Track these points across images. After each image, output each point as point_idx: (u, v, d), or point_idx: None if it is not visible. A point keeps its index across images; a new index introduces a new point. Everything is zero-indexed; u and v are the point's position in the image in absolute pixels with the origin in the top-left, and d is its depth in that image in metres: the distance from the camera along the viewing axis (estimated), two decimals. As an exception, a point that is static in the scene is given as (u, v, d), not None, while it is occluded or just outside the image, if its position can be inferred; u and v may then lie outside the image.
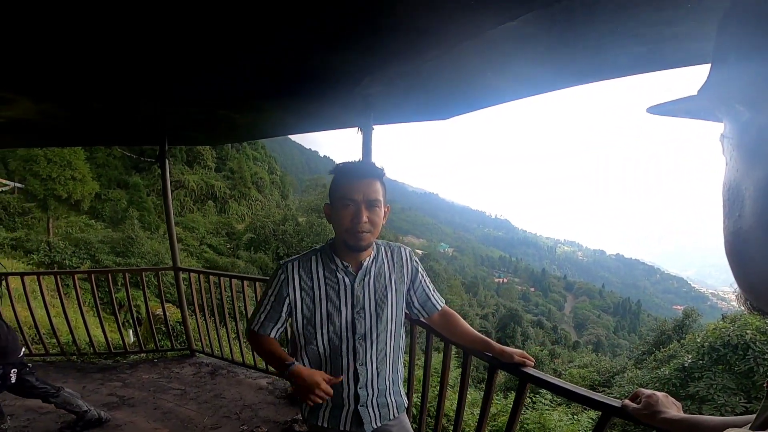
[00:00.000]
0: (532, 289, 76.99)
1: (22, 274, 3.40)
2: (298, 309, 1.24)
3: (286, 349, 1.35)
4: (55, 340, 3.53)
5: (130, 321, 3.81)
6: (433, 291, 1.42)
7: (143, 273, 3.58)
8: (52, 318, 3.38)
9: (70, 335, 3.43)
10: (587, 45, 1.57)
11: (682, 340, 10.41)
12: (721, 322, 7.66)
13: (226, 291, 3.30)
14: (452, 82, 2.12)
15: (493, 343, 1.41)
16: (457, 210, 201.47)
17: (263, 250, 27.96)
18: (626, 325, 60.90)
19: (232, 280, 3.26)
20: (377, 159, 2.37)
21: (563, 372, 14.26)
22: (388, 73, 1.90)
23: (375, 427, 1.32)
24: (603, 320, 62.68)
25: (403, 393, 1.41)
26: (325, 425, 1.31)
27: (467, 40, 1.50)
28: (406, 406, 1.43)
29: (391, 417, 1.35)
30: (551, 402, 5.68)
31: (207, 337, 3.51)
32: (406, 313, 1.41)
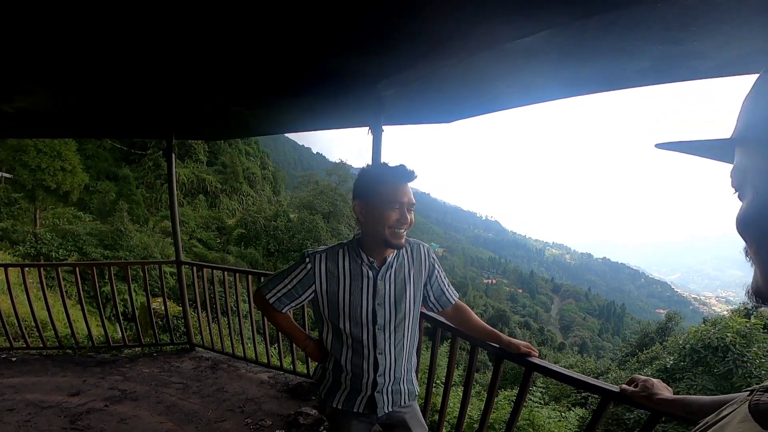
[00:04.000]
0: (521, 291, 77.84)
1: (22, 266, 3.39)
2: (324, 298, 1.31)
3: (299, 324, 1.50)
4: (52, 333, 3.51)
5: (128, 314, 3.82)
6: (448, 286, 1.50)
7: (145, 266, 3.59)
8: (51, 311, 3.37)
9: (69, 328, 3.43)
10: (595, 60, 1.66)
11: (664, 343, 10.70)
12: (702, 325, 7.90)
13: (229, 286, 3.33)
14: (462, 88, 2.20)
15: (502, 335, 1.51)
16: (448, 210, 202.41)
17: (254, 245, 27.79)
18: (611, 328, 62.02)
19: (237, 274, 3.29)
20: (386, 158, 2.44)
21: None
22: (403, 76, 1.97)
23: (386, 411, 1.40)
24: (588, 322, 63.72)
25: (415, 382, 1.49)
26: (341, 407, 1.39)
27: (484, 50, 1.58)
28: (417, 394, 1.50)
29: (403, 404, 1.44)
30: (540, 400, 5.81)
31: (208, 332, 3.53)
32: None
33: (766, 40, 1.17)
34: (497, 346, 1.52)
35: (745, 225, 0.38)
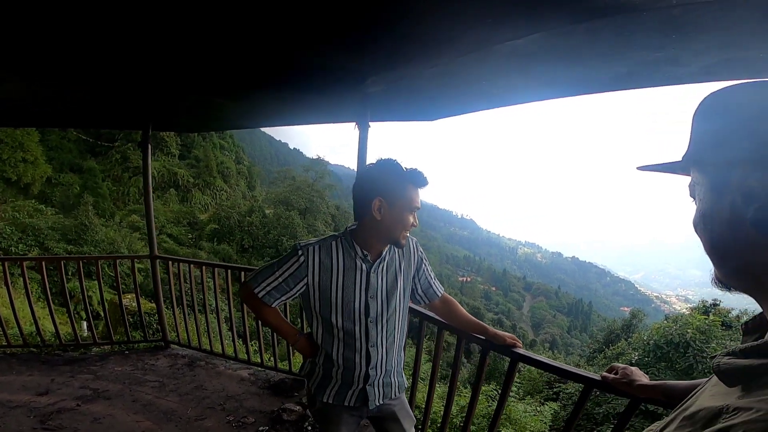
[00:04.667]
0: (494, 288, 79.55)
1: (23, 259, 3.18)
2: (316, 291, 1.30)
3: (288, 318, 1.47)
4: (16, 331, 3.33)
5: (97, 311, 3.67)
6: (434, 279, 1.53)
7: (117, 261, 3.44)
8: (14, 307, 3.20)
9: (34, 326, 3.25)
10: (578, 64, 1.73)
11: (629, 339, 11.20)
12: (664, 322, 8.32)
13: (207, 281, 3.25)
14: (448, 87, 2.23)
15: (488, 327, 1.56)
16: (425, 208, 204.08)
17: (227, 241, 27.18)
18: (579, 325, 64.41)
19: (215, 269, 3.21)
20: (371, 154, 2.46)
21: (522, 369, 14.92)
22: (391, 74, 1.99)
23: (377, 404, 1.41)
24: (558, 320, 65.90)
25: (404, 375, 1.52)
26: (331, 402, 1.39)
27: (474, 51, 1.61)
28: (406, 386, 1.53)
29: (393, 396, 1.45)
30: (515, 395, 5.97)
31: (184, 328, 3.44)
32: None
33: (741, 49, 1.25)
34: (483, 338, 1.56)
35: (695, 227, 0.50)
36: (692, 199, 0.51)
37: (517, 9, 1.18)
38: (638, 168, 0.57)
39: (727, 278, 0.48)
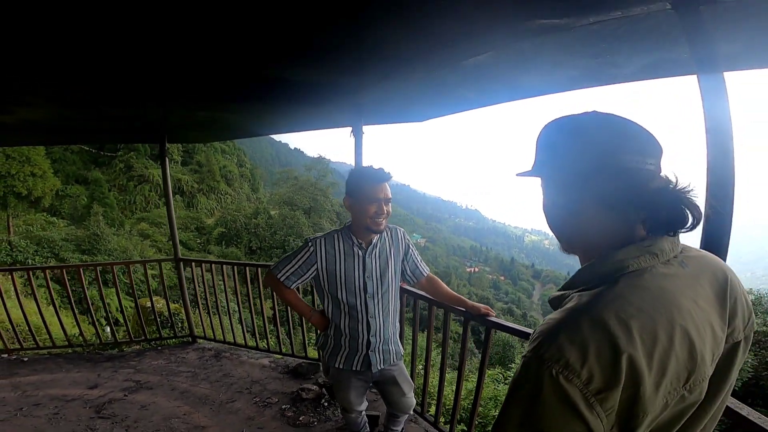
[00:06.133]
0: (502, 278, 79.59)
1: (29, 269, 3.51)
2: (324, 273, 1.65)
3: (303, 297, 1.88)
4: (54, 335, 3.67)
5: (117, 316, 4.01)
6: (420, 261, 1.87)
7: (146, 265, 3.77)
8: (59, 313, 3.54)
9: (77, 328, 3.59)
10: (533, 71, 2.03)
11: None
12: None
13: (228, 278, 3.56)
14: (431, 94, 2.56)
15: (467, 300, 1.89)
16: (429, 201, 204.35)
17: (235, 244, 27.54)
18: (589, 310, 64.20)
19: (235, 267, 3.52)
20: (368, 153, 2.75)
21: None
22: (380, 87, 2.29)
23: (379, 368, 1.76)
24: (569, 306, 65.71)
25: (400, 344, 1.86)
26: (341, 367, 1.74)
27: (445, 67, 1.92)
28: (402, 354, 1.87)
29: (392, 362, 1.80)
30: (503, 381, 6.15)
31: (209, 324, 3.76)
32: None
33: (665, 51, 1.53)
34: (464, 309, 1.89)
35: (543, 212, 0.72)
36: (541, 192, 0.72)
37: (474, 29, 1.46)
38: (517, 174, 0.75)
39: (564, 248, 0.72)
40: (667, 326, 0.53)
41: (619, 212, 0.61)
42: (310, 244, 1.65)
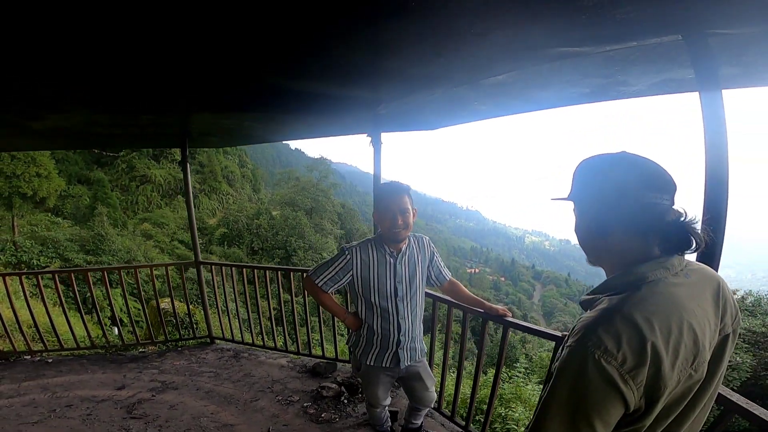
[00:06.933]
0: (503, 279, 79.56)
1: (56, 272, 3.63)
2: (359, 279, 1.80)
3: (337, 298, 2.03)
4: (85, 336, 3.79)
5: (146, 315, 4.12)
6: (444, 266, 2.02)
7: (167, 267, 3.90)
8: (84, 316, 3.65)
9: (101, 330, 3.71)
10: (549, 88, 2.15)
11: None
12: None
13: (248, 280, 3.68)
14: (447, 107, 2.70)
15: (485, 302, 2.05)
16: (430, 202, 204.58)
17: (237, 244, 27.67)
18: (589, 311, 64.13)
19: (255, 270, 3.64)
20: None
21: (534, 356, 15.31)
22: (399, 101, 2.45)
23: (406, 365, 1.92)
24: (570, 308, 65.74)
25: (424, 343, 2.01)
26: (372, 363, 1.90)
27: (466, 84, 2.05)
28: (426, 352, 2.04)
29: (417, 359, 1.96)
30: (525, 377, 6.33)
31: (228, 325, 3.88)
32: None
33: (672, 71, 1.66)
34: (482, 310, 2.05)
35: (575, 232, 0.89)
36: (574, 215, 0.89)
37: (499, 54, 1.58)
38: (552, 199, 0.92)
39: (591, 261, 0.90)
40: (678, 321, 0.70)
41: (641, 237, 0.79)
42: (346, 252, 1.79)
